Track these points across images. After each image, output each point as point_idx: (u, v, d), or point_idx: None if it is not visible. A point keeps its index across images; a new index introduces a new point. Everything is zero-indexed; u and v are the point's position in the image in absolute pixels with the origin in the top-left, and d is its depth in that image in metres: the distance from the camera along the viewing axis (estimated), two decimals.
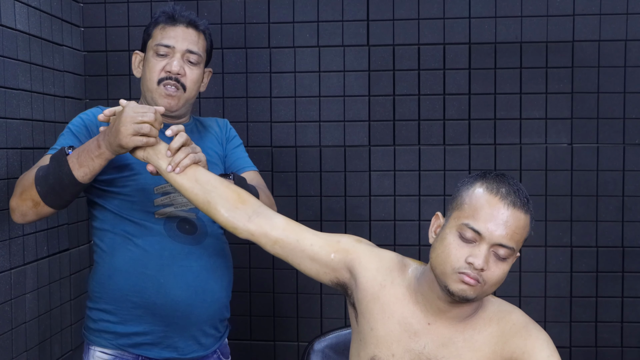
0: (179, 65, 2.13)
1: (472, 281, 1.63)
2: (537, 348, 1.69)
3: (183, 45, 2.15)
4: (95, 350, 2.13)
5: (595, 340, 2.97)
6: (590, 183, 2.94)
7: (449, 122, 2.98)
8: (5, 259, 2.37)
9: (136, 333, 2.10)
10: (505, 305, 1.80)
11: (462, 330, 1.75)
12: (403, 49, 2.98)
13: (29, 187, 1.95)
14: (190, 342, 2.15)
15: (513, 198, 1.64)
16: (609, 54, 2.90)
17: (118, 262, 2.10)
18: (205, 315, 2.15)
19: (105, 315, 2.12)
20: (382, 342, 1.78)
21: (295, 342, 3.07)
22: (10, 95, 2.42)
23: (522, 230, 1.65)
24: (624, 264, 2.94)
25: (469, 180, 1.72)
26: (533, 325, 1.74)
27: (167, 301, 2.09)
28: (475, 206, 1.65)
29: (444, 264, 1.66)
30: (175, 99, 2.15)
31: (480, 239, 1.63)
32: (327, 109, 3.01)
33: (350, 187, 3.02)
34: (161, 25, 2.17)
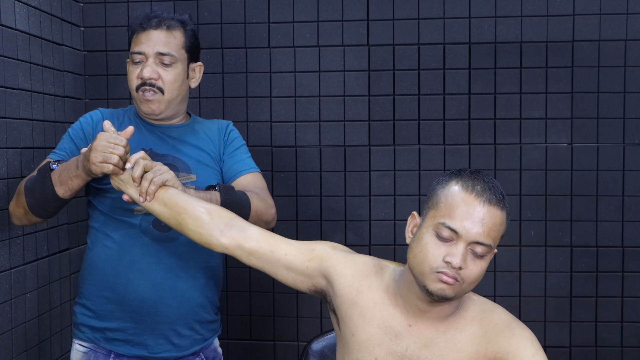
0: (150, 70, 2.16)
1: (450, 280, 1.63)
2: (522, 347, 1.68)
3: (153, 49, 2.17)
4: (74, 342, 2.22)
5: (595, 340, 2.97)
6: (590, 183, 2.94)
7: (448, 122, 2.98)
8: (5, 258, 2.37)
9: (109, 328, 2.16)
10: (488, 304, 1.79)
11: (444, 330, 1.75)
12: (403, 49, 2.98)
13: (21, 195, 2.07)
14: (160, 340, 2.16)
15: (489, 195, 1.64)
16: (609, 54, 2.90)
17: (95, 257, 2.18)
18: (174, 314, 2.15)
19: (83, 309, 2.20)
20: (364, 347, 1.78)
21: (295, 341, 3.07)
22: (10, 95, 2.42)
23: (499, 227, 1.65)
24: (623, 263, 2.94)
25: (443, 179, 1.72)
26: (516, 324, 1.73)
27: (135, 297, 2.14)
28: (451, 204, 1.65)
29: (421, 264, 1.66)
30: (155, 103, 2.19)
31: (457, 237, 1.63)
32: (327, 108, 3.01)
33: (350, 187, 3.02)
34: (135, 33, 2.21)
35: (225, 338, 3.08)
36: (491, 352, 1.71)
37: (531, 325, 2.97)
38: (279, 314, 3.08)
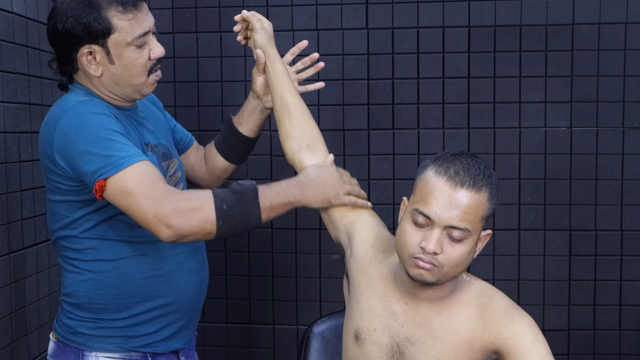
0: (160, 46, 2.00)
1: (427, 265, 1.65)
2: (520, 334, 1.68)
3: (150, 25, 1.98)
4: (97, 356, 2.00)
5: (594, 323, 2.98)
6: (589, 167, 2.94)
7: (448, 106, 2.97)
8: (5, 243, 2.38)
9: (148, 334, 2.02)
10: (488, 289, 1.79)
11: (439, 312, 1.76)
12: (402, 32, 2.97)
13: (205, 213, 1.82)
14: (191, 331, 2.14)
15: (461, 178, 1.64)
16: (609, 37, 2.89)
17: (128, 271, 1.97)
18: (202, 303, 2.17)
19: (110, 323, 1.99)
20: (365, 316, 1.82)
21: (295, 325, 3.08)
22: (8, 79, 2.41)
23: (475, 209, 1.64)
24: (622, 247, 2.95)
25: (423, 164, 1.74)
26: (515, 310, 1.73)
27: (185, 299, 2.05)
28: (423, 190, 1.67)
29: (401, 250, 1.70)
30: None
31: (431, 222, 1.64)
32: (326, 92, 3.00)
33: (350, 171, 2.96)
34: (116, 19, 1.92)
35: (224, 322, 3.09)
36: (488, 337, 1.71)
37: (530, 309, 2.97)
38: (278, 298, 3.09)
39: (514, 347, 1.66)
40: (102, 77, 1.95)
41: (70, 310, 2.02)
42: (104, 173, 1.79)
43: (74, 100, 1.92)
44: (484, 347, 1.72)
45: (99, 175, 1.80)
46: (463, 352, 1.73)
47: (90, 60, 1.93)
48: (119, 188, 1.80)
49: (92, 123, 1.84)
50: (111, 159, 1.80)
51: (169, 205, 1.79)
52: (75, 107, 1.88)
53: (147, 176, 1.81)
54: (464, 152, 1.72)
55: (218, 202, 1.84)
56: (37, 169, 2.59)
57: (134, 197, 1.79)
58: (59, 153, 1.86)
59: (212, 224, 1.82)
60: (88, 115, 1.86)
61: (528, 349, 1.65)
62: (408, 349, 1.76)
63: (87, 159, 1.81)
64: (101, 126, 1.84)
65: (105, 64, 1.93)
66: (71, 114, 1.87)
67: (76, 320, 2.01)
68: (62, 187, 1.92)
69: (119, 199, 1.81)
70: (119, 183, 1.80)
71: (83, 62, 1.93)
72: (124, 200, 1.81)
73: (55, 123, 1.88)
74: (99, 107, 1.90)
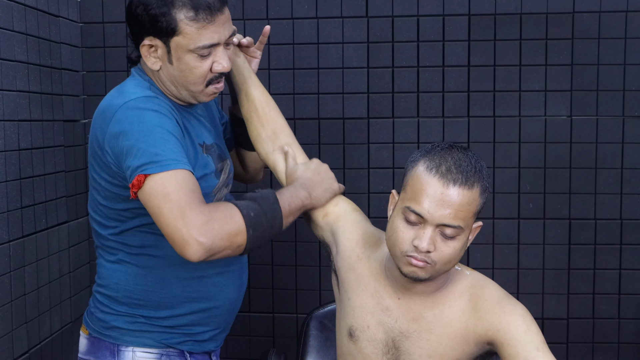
0: (228, 60, 1.92)
1: (420, 263, 1.64)
2: (513, 325, 1.66)
3: (224, 35, 1.89)
4: (135, 351, 1.96)
5: (593, 312, 2.98)
6: (589, 155, 2.93)
7: (448, 94, 2.97)
8: (4, 231, 2.37)
9: (187, 333, 1.99)
10: (479, 280, 1.78)
11: (431, 305, 1.76)
12: (402, 21, 2.96)
13: (236, 225, 1.75)
14: (226, 333, 2.12)
15: (454, 175, 1.61)
16: (610, 26, 2.88)
17: (174, 269, 1.94)
18: (240, 306, 2.13)
19: (149, 319, 1.97)
20: (358, 313, 1.81)
21: (294, 314, 3.09)
22: (7, 66, 2.40)
23: (468, 206, 1.62)
24: (622, 236, 2.95)
25: (414, 158, 1.70)
26: (507, 300, 1.71)
27: (226, 303, 2.02)
28: (415, 188, 1.64)
29: (393, 247, 1.68)
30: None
31: (424, 221, 1.62)
32: (326, 81, 3.00)
33: (349, 160, 3.02)
34: (194, 22, 1.84)
35: None
36: (481, 329, 1.70)
37: (529, 298, 2.99)
38: (277, 287, 3.09)
39: (507, 337, 1.66)
40: (160, 72, 1.90)
41: (105, 303, 1.98)
42: (146, 169, 1.72)
43: (136, 93, 1.86)
44: (477, 338, 1.72)
45: (141, 170, 1.72)
46: (457, 344, 1.73)
47: (151, 53, 1.88)
48: (156, 188, 1.71)
49: (149, 119, 1.78)
50: (158, 157, 1.73)
51: (201, 217, 1.70)
52: (137, 101, 1.82)
53: (188, 185, 1.73)
54: (453, 145, 1.69)
55: (244, 210, 1.77)
56: (36, 158, 2.59)
57: (168, 201, 1.70)
58: (109, 143, 1.81)
59: (242, 235, 1.76)
60: (148, 112, 1.80)
61: (521, 339, 1.64)
62: (403, 344, 1.76)
63: (134, 153, 1.75)
64: (158, 124, 1.78)
65: (165, 62, 1.88)
66: (132, 107, 1.81)
67: (112, 315, 1.96)
68: (109, 178, 1.87)
69: (152, 199, 1.72)
70: (158, 182, 1.71)
71: (143, 52, 1.89)
72: (157, 201, 1.71)
73: (114, 112, 1.82)
74: (160, 105, 1.83)
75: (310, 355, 2.28)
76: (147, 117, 1.78)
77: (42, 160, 2.63)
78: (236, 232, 1.75)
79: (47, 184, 2.67)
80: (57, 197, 2.76)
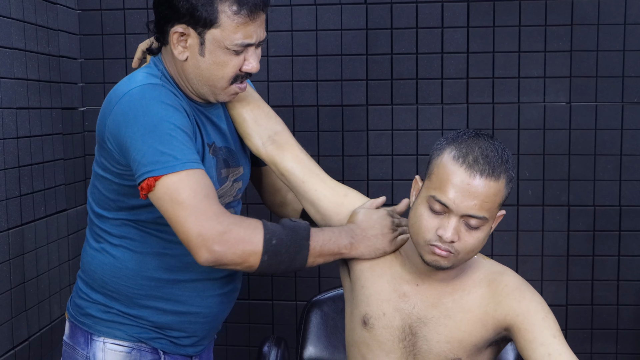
0: (258, 62, 1.85)
1: (443, 253, 1.63)
2: (532, 310, 1.67)
3: (260, 36, 1.83)
4: (106, 342, 1.90)
5: (592, 298, 2.99)
6: (588, 142, 2.93)
7: (446, 81, 2.96)
8: (3, 219, 2.37)
9: (159, 333, 1.92)
10: (496, 266, 1.79)
11: (451, 291, 1.76)
12: (401, 7, 2.95)
13: (252, 246, 1.70)
14: (207, 341, 2.05)
15: (481, 166, 1.59)
16: (609, 12, 2.87)
17: (150, 267, 1.87)
18: (225, 316, 2.06)
19: (120, 312, 1.91)
20: (373, 301, 1.80)
21: (294, 301, 3.09)
22: (5, 54, 2.39)
23: (494, 197, 1.61)
24: (620, 222, 2.95)
25: (439, 145, 1.68)
26: (526, 287, 1.73)
27: (206, 310, 1.94)
28: (441, 177, 1.62)
29: (416, 235, 1.67)
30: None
31: (449, 211, 1.61)
32: (324, 68, 2.99)
33: (348, 147, 3.01)
34: (236, 18, 1.77)
35: None
36: (500, 314, 1.71)
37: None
38: (277, 274, 3.09)
39: (525, 322, 1.66)
40: (185, 62, 1.81)
41: (83, 290, 1.94)
42: (155, 170, 1.65)
43: (144, 80, 1.78)
44: (495, 323, 1.72)
45: (149, 171, 1.66)
46: (476, 330, 1.73)
47: (180, 41, 1.79)
48: (169, 193, 1.65)
49: (155, 111, 1.70)
50: (165, 157, 1.65)
51: (218, 228, 1.65)
52: (143, 89, 1.75)
53: (203, 190, 1.67)
54: (480, 132, 1.66)
55: (268, 235, 1.71)
56: (34, 145, 2.58)
57: (183, 209, 1.64)
58: (110, 131, 1.75)
59: (256, 257, 1.70)
60: (154, 101, 1.72)
61: (539, 324, 1.65)
62: (421, 330, 1.76)
63: (139, 147, 1.68)
64: (165, 118, 1.69)
65: (194, 53, 1.79)
66: (136, 95, 1.74)
67: (87, 301, 1.93)
68: (107, 164, 1.82)
69: (165, 204, 1.67)
70: (170, 187, 1.65)
71: (172, 40, 1.79)
72: (171, 208, 1.66)
73: (118, 99, 1.76)
74: (168, 96, 1.75)
75: (310, 342, 2.28)
76: (152, 109, 1.70)
77: (40, 148, 2.62)
78: (250, 253, 1.70)
79: (46, 171, 2.67)
80: (56, 185, 2.75)
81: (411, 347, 1.77)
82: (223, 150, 1.93)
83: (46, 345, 2.68)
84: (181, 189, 1.65)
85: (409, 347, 1.77)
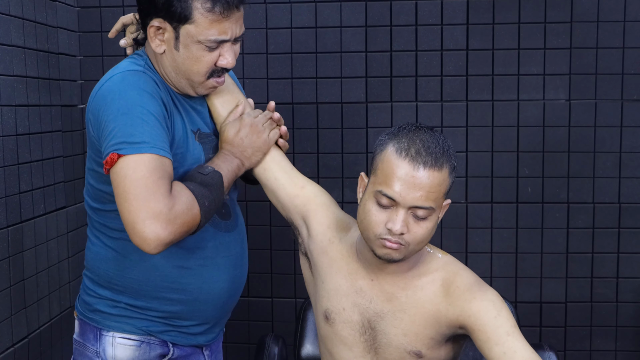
0: (234, 57, 1.90)
1: (394, 245, 1.66)
2: (483, 310, 1.69)
3: (235, 33, 1.85)
4: (115, 337, 1.91)
5: (591, 295, 2.99)
6: (587, 139, 2.93)
7: (446, 78, 2.96)
8: (2, 216, 2.37)
9: (168, 324, 1.93)
10: (452, 265, 1.80)
11: (404, 286, 1.78)
12: (400, 4, 2.95)
13: (194, 217, 1.72)
14: (217, 329, 2.06)
15: (423, 158, 1.63)
16: (608, 9, 2.87)
17: (153, 257, 1.86)
18: (235, 303, 2.06)
19: (129, 306, 1.92)
20: (333, 296, 1.83)
21: (292, 298, 3.09)
22: (4, 51, 2.39)
23: (438, 187, 1.64)
24: (620, 220, 2.95)
25: (382, 141, 1.72)
26: (478, 287, 1.73)
27: (211, 297, 1.94)
28: (386, 172, 1.65)
29: (366, 231, 1.70)
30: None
31: (396, 204, 1.64)
32: (324, 65, 2.99)
33: (347, 144, 3.01)
34: (207, 15, 1.79)
35: None
36: (452, 314, 1.73)
37: (527, 281, 3.00)
38: (276, 271, 3.10)
39: (478, 323, 1.68)
40: (163, 55, 1.85)
41: (90, 287, 1.96)
42: (121, 149, 1.68)
43: (126, 68, 1.84)
44: (449, 322, 1.74)
45: (116, 149, 1.68)
46: (430, 324, 1.76)
47: (157, 35, 1.83)
48: (126, 170, 1.67)
49: (130, 95, 1.74)
50: (132, 138, 1.68)
51: (164, 213, 1.66)
52: (123, 75, 1.80)
53: (159, 173, 1.69)
54: (420, 125, 1.71)
55: (201, 200, 1.74)
56: (34, 143, 2.58)
57: (135, 187, 1.66)
58: (91, 116, 1.80)
59: (196, 222, 1.73)
60: (131, 87, 1.76)
61: (492, 324, 1.67)
62: (379, 324, 1.79)
63: (110, 129, 1.71)
64: (138, 102, 1.73)
65: (170, 47, 1.83)
66: (116, 80, 1.79)
67: (95, 298, 1.94)
68: (94, 156, 1.85)
69: (120, 180, 1.68)
70: (130, 165, 1.67)
71: (149, 34, 1.84)
72: (123, 184, 1.67)
73: (100, 85, 1.81)
74: (147, 83, 1.79)
75: (308, 339, 2.28)
76: (128, 94, 1.74)
77: (39, 145, 2.62)
78: (192, 224, 1.73)
79: (45, 169, 2.67)
80: (55, 183, 2.76)
81: (372, 340, 1.80)
82: (211, 136, 1.97)
83: (45, 343, 2.68)
84: (139, 168, 1.67)
85: (369, 340, 1.80)
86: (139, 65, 1.87)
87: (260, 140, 1.95)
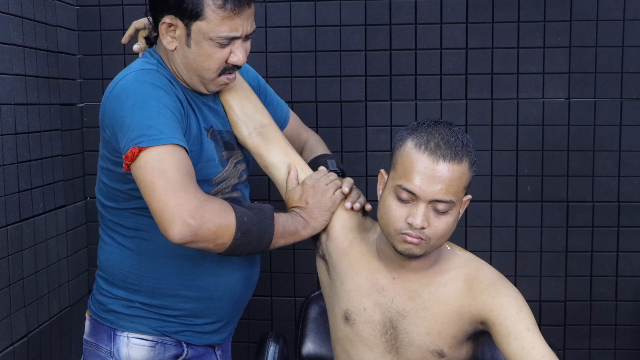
0: (245, 53, 1.89)
1: (415, 240, 1.66)
2: (505, 305, 1.70)
3: (246, 29, 1.86)
4: (130, 337, 1.93)
5: (590, 294, 2.99)
6: (587, 138, 2.93)
7: (445, 77, 2.96)
8: (2, 215, 2.37)
9: (182, 323, 1.95)
10: (473, 261, 1.81)
11: (427, 283, 1.78)
12: (399, 3, 2.94)
13: (227, 222, 1.72)
14: (230, 327, 2.07)
15: (443, 151, 1.63)
16: (608, 7, 2.87)
17: (168, 255, 1.89)
18: (247, 301, 2.08)
19: (144, 305, 1.93)
20: (353, 296, 1.83)
21: (293, 297, 3.09)
22: (3, 50, 2.39)
23: (458, 181, 1.65)
24: (619, 218, 2.95)
25: (401, 135, 1.73)
26: (501, 282, 1.75)
27: (225, 295, 1.96)
28: (405, 166, 1.66)
29: (387, 226, 1.70)
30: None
31: (416, 198, 1.64)
32: (323, 64, 2.99)
33: (347, 143, 3.01)
34: (219, 12, 1.80)
35: None
36: (475, 308, 1.73)
37: (526, 280, 2.99)
38: (276, 270, 3.10)
39: (499, 317, 1.69)
40: (175, 52, 1.86)
41: (103, 287, 1.97)
42: (141, 142, 1.67)
43: (139, 67, 1.86)
44: (471, 317, 1.75)
45: (135, 142, 1.68)
46: (453, 322, 1.76)
47: (169, 32, 1.84)
48: (152, 162, 1.66)
49: (145, 91, 1.76)
50: (152, 130, 1.68)
51: (195, 201, 1.66)
52: (137, 74, 1.82)
53: (185, 167, 1.69)
54: (439, 120, 1.71)
55: (238, 212, 1.74)
56: (33, 141, 2.58)
57: (164, 178, 1.65)
58: (107, 116, 1.81)
59: (230, 234, 1.72)
60: (145, 84, 1.78)
61: (513, 319, 1.68)
62: (401, 323, 1.78)
63: (127, 124, 1.71)
64: (153, 96, 1.75)
65: (182, 43, 1.84)
66: (130, 79, 1.80)
67: (109, 298, 1.95)
68: (108, 155, 1.86)
69: (146, 172, 1.67)
70: (154, 157, 1.67)
71: (161, 30, 1.85)
72: (151, 176, 1.66)
73: (114, 86, 1.82)
74: (160, 79, 1.81)
75: (309, 338, 2.29)
76: (142, 90, 1.76)
77: (39, 144, 2.62)
78: (225, 228, 1.72)
79: (45, 167, 2.67)
80: (55, 181, 2.75)
81: (393, 340, 1.80)
82: (223, 134, 1.97)
83: (45, 342, 2.68)
84: (165, 160, 1.67)
85: (391, 340, 1.80)
86: (152, 64, 1.89)
87: (325, 199, 1.91)
